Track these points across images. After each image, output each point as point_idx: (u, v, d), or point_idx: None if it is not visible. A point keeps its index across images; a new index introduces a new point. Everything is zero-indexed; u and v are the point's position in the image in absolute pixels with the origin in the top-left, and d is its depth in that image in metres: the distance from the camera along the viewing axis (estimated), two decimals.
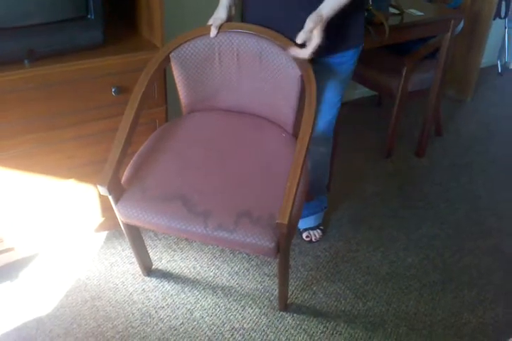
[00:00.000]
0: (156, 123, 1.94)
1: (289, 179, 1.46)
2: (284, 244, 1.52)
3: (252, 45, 1.69)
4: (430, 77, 2.64)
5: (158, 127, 1.90)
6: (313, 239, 2.18)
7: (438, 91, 2.66)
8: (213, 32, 1.67)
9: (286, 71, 1.67)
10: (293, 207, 1.42)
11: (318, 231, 2.19)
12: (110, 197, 1.57)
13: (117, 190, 1.58)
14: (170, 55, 1.71)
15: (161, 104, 1.91)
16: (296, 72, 1.64)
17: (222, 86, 1.82)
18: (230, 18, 1.69)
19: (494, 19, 3.31)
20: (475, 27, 3.18)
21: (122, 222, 1.67)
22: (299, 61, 1.62)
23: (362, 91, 3.30)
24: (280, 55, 1.66)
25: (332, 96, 1.83)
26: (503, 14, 3.61)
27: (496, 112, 3.34)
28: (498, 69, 3.89)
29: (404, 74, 2.51)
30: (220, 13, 1.67)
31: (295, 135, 1.77)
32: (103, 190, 1.52)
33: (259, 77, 1.75)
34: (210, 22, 1.69)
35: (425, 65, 2.65)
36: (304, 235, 2.18)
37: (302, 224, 2.17)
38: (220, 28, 1.66)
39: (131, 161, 1.70)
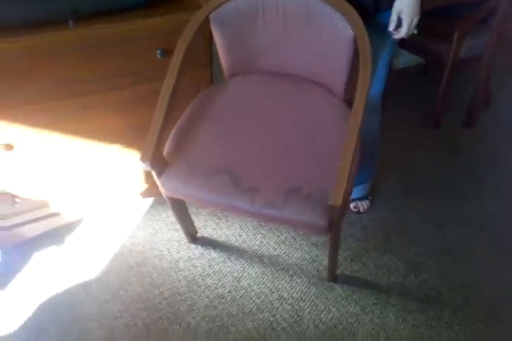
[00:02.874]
0: (200, 86, 1.87)
1: (342, 157, 1.36)
2: (336, 223, 1.44)
3: (299, 3, 1.58)
4: (482, 44, 2.51)
5: (202, 91, 1.83)
6: (361, 210, 2.11)
7: (491, 58, 2.53)
8: None
9: (337, 32, 1.57)
10: (347, 187, 1.32)
11: (366, 201, 2.12)
12: (153, 172, 1.51)
13: (160, 164, 1.50)
14: (209, 17, 1.62)
15: (206, 64, 1.83)
16: (348, 33, 1.54)
17: (266, 47, 1.72)
18: None
19: None
20: None
21: (166, 195, 1.62)
22: (351, 21, 1.52)
23: (407, 60, 3.17)
24: (330, 14, 1.55)
25: (382, 62, 1.73)
26: None
27: None
28: None
29: (455, 39, 2.39)
30: None
31: (346, 101, 1.68)
32: (145, 166, 1.45)
33: (306, 38, 1.65)
34: None
35: (477, 30, 2.52)
36: (352, 206, 2.11)
37: None
38: None
39: (172, 132, 1.62)
